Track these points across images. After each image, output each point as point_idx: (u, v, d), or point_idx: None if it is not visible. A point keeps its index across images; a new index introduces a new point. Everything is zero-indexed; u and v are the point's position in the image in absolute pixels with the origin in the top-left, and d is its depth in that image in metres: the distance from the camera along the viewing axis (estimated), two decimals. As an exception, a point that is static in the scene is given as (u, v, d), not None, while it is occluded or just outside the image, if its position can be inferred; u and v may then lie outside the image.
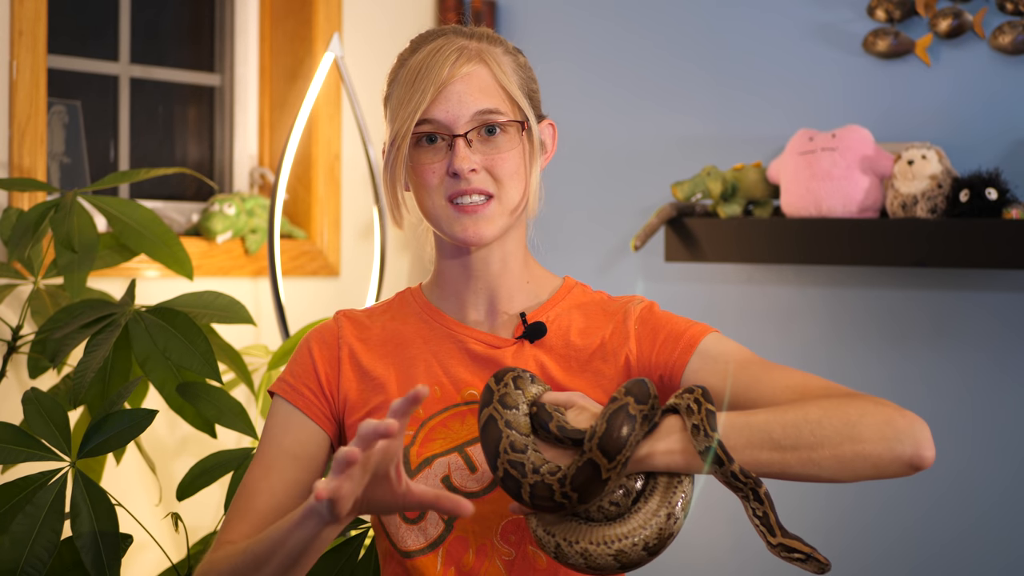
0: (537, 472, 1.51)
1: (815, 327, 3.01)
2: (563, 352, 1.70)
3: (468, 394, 1.70)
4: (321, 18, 3.12)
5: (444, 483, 1.65)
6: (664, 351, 1.68)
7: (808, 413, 1.51)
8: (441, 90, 1.66)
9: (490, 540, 1.65)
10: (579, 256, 3.24)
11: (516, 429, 1.55)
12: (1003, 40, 2.77)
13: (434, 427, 1.69)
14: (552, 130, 1.77)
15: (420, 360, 1.72)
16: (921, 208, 2.71)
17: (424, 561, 1.66)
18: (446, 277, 1.75)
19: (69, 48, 2.88)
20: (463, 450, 1.67)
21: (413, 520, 1.66)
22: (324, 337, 1.76)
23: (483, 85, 1.67)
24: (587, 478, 1.48)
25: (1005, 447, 2.83)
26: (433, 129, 1.66)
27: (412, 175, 1.69)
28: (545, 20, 3.30)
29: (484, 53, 1.69)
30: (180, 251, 2.41)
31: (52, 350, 2.22)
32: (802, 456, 1.50)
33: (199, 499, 2.49)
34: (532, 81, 1.74)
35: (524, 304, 1.74)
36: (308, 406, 1.72)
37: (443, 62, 1.66)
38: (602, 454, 1.47)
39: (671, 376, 1.67)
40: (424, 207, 1.70)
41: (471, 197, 1.66)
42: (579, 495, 1.49)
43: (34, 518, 1.95)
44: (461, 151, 1.65)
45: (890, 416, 1.50)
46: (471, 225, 1.67)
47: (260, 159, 3.19)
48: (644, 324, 1.70)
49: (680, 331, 1.68)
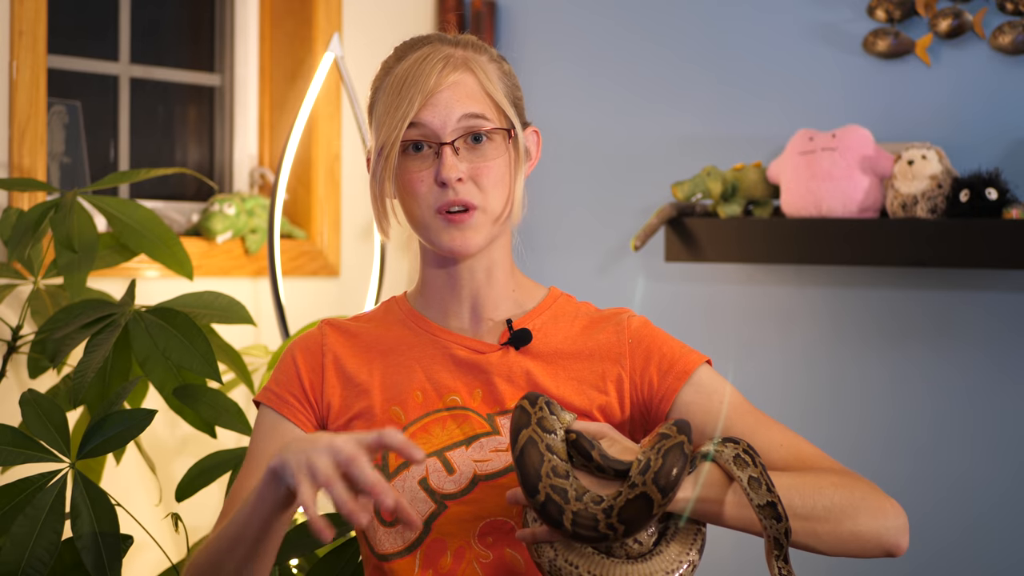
0: (580, 500, 1.50)
1: (815, 327, 3.01)
2: (549, 359, 1.70)
3: (450, 400, 1.70)
4: (321, 18, 3.12)
5: (421, 484, 1.66)
6: (657, 375, 1.69)
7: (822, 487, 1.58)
8: (429, 98, 1.66)
9: (468, 542, 1.65)
10: (579, 256, 3.24)
11: (556, 454, 1.53)
12: (1003, 40, 2.77)
13: (415, 432, 1.69)
14: (536, 137, 1.77)
15: (403, 367, 1.72)
16: (921, 208, 2.71)
17: (401, 564, 1.66)
18: (431, 286, 1.75)
19: (69, 48, 2.88)
20: (442, 454, 1.67)
21: (391, 523, 1.66)
22: (307, 345, 1.76)
23: (470, 92, 1.67)
24: (638, 511, 1.47)
25: (1005, 447, 2.83)
26: (420, 136, 1.66)
27: (399, 184, 1.69)
28: (545, 20, 3.30)
29: (470, 61, 1.69)
30: (180, 251, 2.41)
31: (52, 350, 2.22)
32: (808, 526, 1.57)
33: (199, 499, 2.48)
34: (517, 88, 1.74)
35: (509, 312, 1.74)
36: (293, 413, 1.72)
37: (430, 70, 1.66)
38: (657, 489, 1.47)
39: (660, 402, 1.68)
40: (412, 216, 1.69)
41: (457, 207, 1.66)
42: (626, 527, 1.48)
43: (34, 520, 1.95)
44: (448, 159, 1.65)
45: (882, 504, 1.61)
46: (458, 235, 1.67)
47: (260, 159, 3.19)
48: (638, 343, 1.71)
49: (674, 356, 1.69)
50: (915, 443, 2.91)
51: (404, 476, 1.66)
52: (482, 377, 1.70)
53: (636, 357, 1.69)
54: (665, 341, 1.71)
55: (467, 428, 1.68)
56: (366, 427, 1.70)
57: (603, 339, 1.71)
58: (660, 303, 3.14)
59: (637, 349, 1.70)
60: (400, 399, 1.70)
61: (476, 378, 1.70)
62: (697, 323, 3.11)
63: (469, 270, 1.72)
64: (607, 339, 1.71)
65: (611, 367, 1.70)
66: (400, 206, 1.71)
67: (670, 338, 1.72)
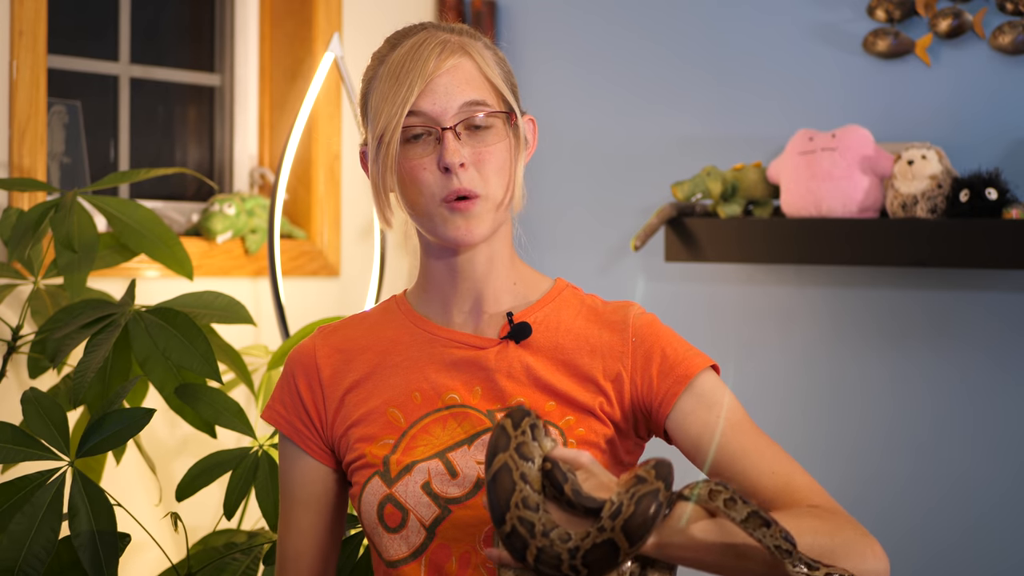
0: (547, 536, 1.45)
1: (815, 327, 3.01)
2: (550, 353, 1.68)
3: (449, 398, 1.67)
4: (321, 18, 3.12)
5: (424, 489, 1.64)
6: (657, 376, 1.65)
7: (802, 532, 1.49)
8: (428, 83, 1.63)
9: (473, 547, 1.63)
10: (579, 256, 3.24)
11: (530, 484, 1.48)
12: (1003, 40, 2.77)
13: (415, 435, 1.67)
14: (532, 125, 1.74)
15: (400, 368, 1.70)
16: (921, 208, 2.70)
17: (407, 570, 1.64)
18: (431, 279, 1.72)
19: (69, 48, 2.88)
20: (444, 456, 1.65)
21: (395, 528, 1.65)
22: (304, 363, 1.75)
23: (469, 77, 1.65)
24: (603, 556, 1.43)
25: (1005, 447, 2.83)
26: (421, 122, 1.63)
27: (400, 173, 1.66)
28: (545, 20, 3.30)
29: (467, 46, 1.67)
30: (180, 251, 2.41)
31: (52, 350, 2.22)
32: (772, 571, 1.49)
33: (199, 499, 2.48)
34: (512, 75, 1.72)
35: (511, 304, 1.71)
36: (307, 443, 1.73)
37: (427, 55, 1.64)
38: (625, 537, 1.42)
39: (660, 406, 1.65)
40: (415, 206, 1.66)
41: (460, 195, 1.63)
42: (589, 571, 1.43)
43: (32, 517, 1.95)
44: (451, 144, 1.62)
45: (863, 550, 1.55)
46: (463, 225, 1.64)
47: (260, 159, 3.19)
48: (641, 341, 1.68)
49: (677, 358, 1.66)
50: (915, 443, 2.91)
51: (406, 481, 1.65)
52: (481, 374, 1.68)
53: (638, 355, 1.66)
54: (669, 341, 1.67)
55: (468, 426, 1.66)
56: (365, 431, 1.69)
57: (606, 335, 1.68)
58: (660, 303, 3.13)
59: (639, 347, 1.67)
60: (398, 401, 1.69)
61: (475, 375, 1.68)
62: (697, 323, 3.11)
63: (470, 261, 1.69)
64: (610, 335, 1.68)
65: (612, 364, 1.67)
66: (400, 196, 1.67)
67: (676, 338, 1.68)
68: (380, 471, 1.66)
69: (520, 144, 1.69)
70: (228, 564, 2.22)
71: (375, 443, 1.68)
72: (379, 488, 1.65)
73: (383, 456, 1.66)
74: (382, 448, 1.67)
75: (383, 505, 1.65)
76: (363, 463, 1.68)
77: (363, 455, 1.68)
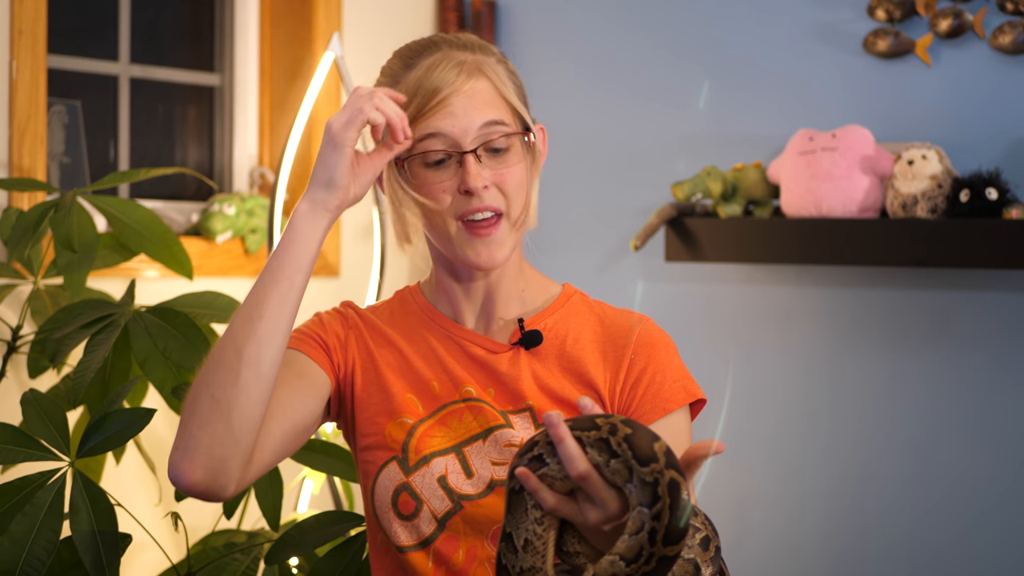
0: None
1: (815, 327, 3.01)
2: (557, 361, 1.70)
3: (465, 391, 1.69)
4: (321, 18, 3.12)
5: (440, 482, 1.66)
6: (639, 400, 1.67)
7: None
8: (446, 106, 1.64)
9: (480, 543, 1.65)
10: (579, 256, 3.24)
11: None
12: (1003, 40, 2.77)
13: (432, 426, 1.69)
14: (543, 135, 1.75)
15: (420, 355, 1.72)
16: (921, 208, 2.71)
17: (415, 558, 1.66)
18: (443, 284, 1.74)
19: (69, 48, 2.88)
20: (460, 451, 1.67)
21: (407, 516, 1.66)
22: (334, 312, 1.76)
23: (488, 99, 1.66)
24: None
25: (1005, 447, 2.83)
26: (441, 145, 1.64)
27: (419, 195, 1.66)
28: (545, 20, 3.30)
29: (482, 65, 1.67)
30: (180, 251, 2.42)
31: (52, 350, 2.22)
32: None
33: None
34: (523, 88, 1.72)
35: (520, 311, 1.73)
36: (315, 352, 1.70)
37: (444, 78, 1.64)
38: None
39: None
40: (435, 228, 1.67)
41: (483, 213, 1.64)
42: None
43: (33, 518, 1.95)
44: (472, 167, 1.63)
45: None
46: (484, 250, 1.65)
47: (260, 159, 3.19)
48: (637, 359, 1.69)
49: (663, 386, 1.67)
50: (915, 443, 2.91)
51: (424, 472, 1.66)
52: (494, 377, 1.70)
53: (632, 372, 1.69)
54: (662, 367, 1.69)
55: (483, 420, 1.68)
56: (385, 404, 1.69)
57: (610, 346, 1.71)
58: (660, 303, 3.13)
59: (635, 366, 1.69)
60: (417, 387, 1.70)
61: (488, 377, 1.70)
62: (697, 323, 3.11)
63: (481, 272, 1.71)
64: (614, 348, 1.70)
65: (611, 375, 1.69)
66: (420, 217, 1.68)
67: (671, 364, 1.70)
68: (398, 457, 1.67)
69: (537, 160, 1.71)
70: (228, 564, 2.22)
71: (393, 420, 1.68)
72: (396, 475, 1.67)
73: (402, 441, 1.67)
74: (399, 428, 1.68)
75: (399, 492, 1.67)
76: (381, 443, 1.69)
77: (381, 433, 1.69)
